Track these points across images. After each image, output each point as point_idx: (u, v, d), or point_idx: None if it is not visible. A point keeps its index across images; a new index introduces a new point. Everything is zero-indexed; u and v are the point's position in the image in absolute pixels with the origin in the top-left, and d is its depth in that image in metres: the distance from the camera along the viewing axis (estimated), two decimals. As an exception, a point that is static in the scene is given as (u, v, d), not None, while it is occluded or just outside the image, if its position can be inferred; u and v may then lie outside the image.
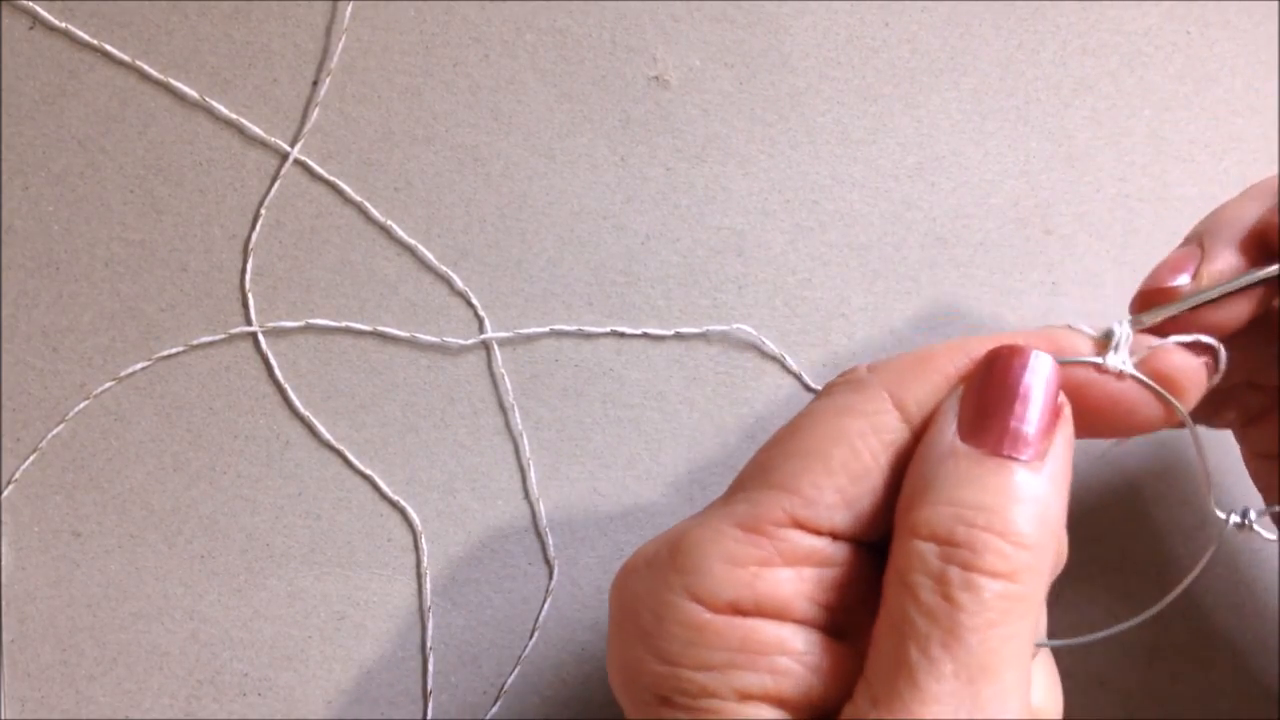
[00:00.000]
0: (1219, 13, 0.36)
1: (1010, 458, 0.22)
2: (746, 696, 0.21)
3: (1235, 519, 0.25)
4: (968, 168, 0.35)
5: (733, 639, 0.22)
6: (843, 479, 0.22)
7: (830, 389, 0.25)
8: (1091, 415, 0.24)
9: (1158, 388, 0.24)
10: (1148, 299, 0.26)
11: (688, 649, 0.22)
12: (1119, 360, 0.24)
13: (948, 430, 0.22)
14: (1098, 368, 0.24)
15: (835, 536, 0.23)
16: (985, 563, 0.21)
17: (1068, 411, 0.23)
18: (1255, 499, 0.29)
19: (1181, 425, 0.25)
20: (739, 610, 0.22)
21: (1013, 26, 0.35)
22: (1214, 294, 0.25)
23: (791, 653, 0.22)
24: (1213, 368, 0.25)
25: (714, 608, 0.22)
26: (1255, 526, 0.25)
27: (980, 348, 0.24)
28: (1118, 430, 0.25)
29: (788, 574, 0.22)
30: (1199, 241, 0.26)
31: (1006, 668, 0.20)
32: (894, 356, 0.24)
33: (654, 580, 0.23)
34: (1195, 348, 0.25)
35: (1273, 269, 0.25)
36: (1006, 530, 0.21)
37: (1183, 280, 0.26)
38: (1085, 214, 0.35)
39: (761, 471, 0.23)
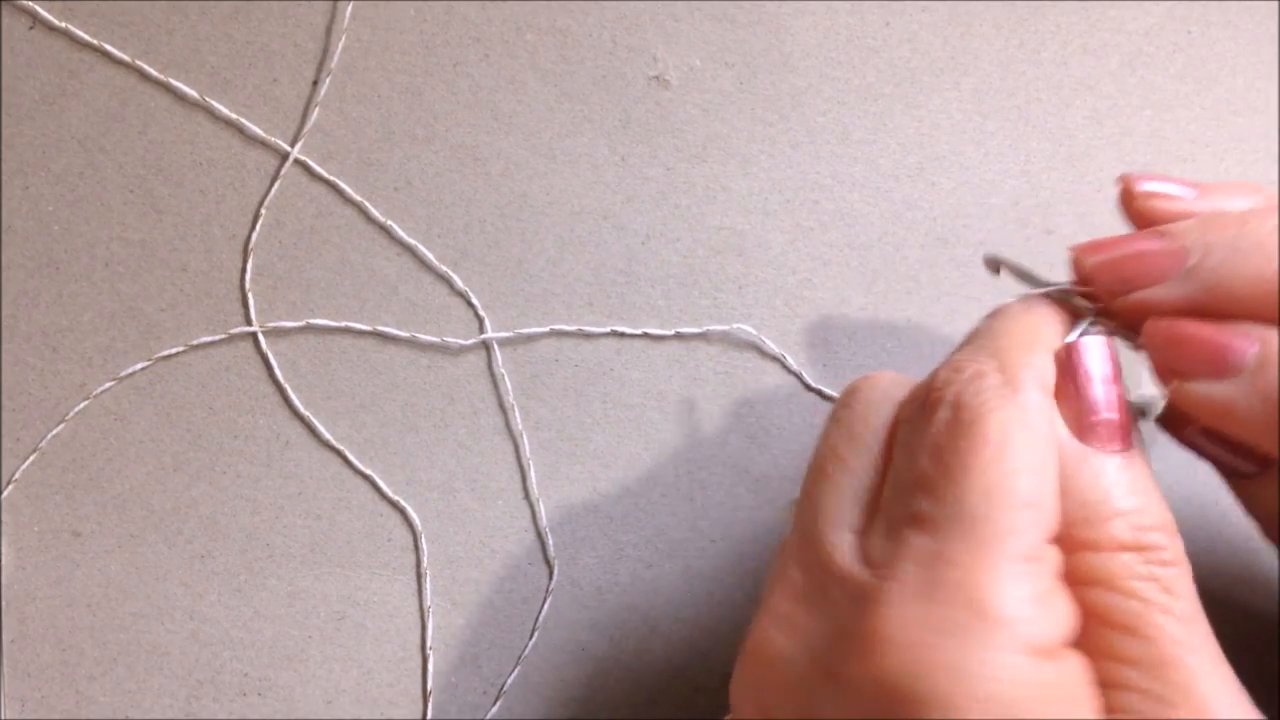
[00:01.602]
0: (1220, 13, 0.35)
1: (1122, 450, 0.23)
2: None
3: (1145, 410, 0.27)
4: (968, 167, 0.35)
5: (1066, 687, 0.21)
6: (1056, 481, 0.23)
7: (979, 394, 0.23)
8: None
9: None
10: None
11: (1041, 709, 0.20)
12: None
13: (1066, 436, 0.23)
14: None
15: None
16: (1171, 556, 0.22)
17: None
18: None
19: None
20: (1057, 651, 0.21)
21: (1013, 26, 0.35)
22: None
23: (1092, 682, 0.21)
24: None
25: (1045, 655, 0.21)
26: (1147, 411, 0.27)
27: (1050, 323, 0.25)
28: None
29: (1063, 594, 0.22)
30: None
31: (1218, 646, 0.22)
32: (994, 341, 0.24)
33: (972, 645, 0.20)
34: None
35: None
36: (1163, 523, 0.23)
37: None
38: (1086, 214, 0.35)
39: (1000, 493, 0.22)
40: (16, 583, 0.32)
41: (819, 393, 0.34)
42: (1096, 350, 0.24)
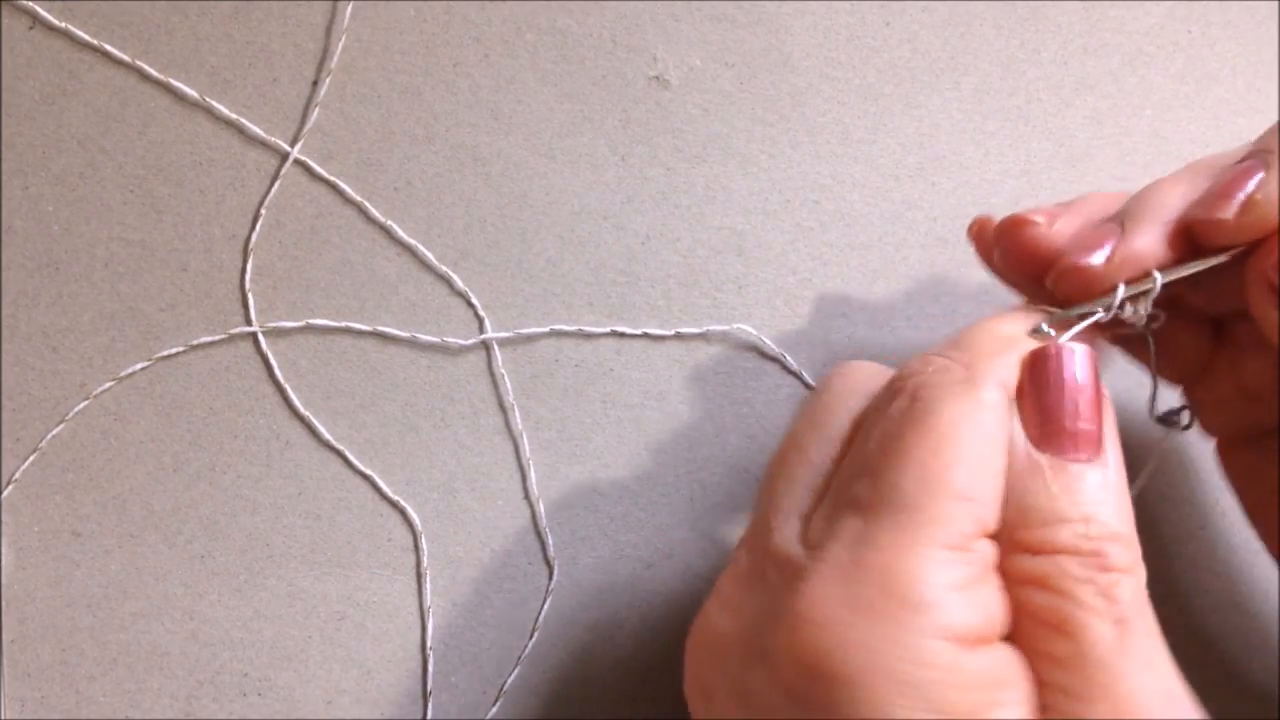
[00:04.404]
0: (1220, 13, 0.35)
1: (1087, 460, 0.23)
2: None
3: (1177, 420, 0.27)
4: (968, 167, 0.35)
5: (985, 675, 0.21)
6: (1001, 479, 0.23)
7: (936, 386, 0.23)
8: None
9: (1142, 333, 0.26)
10: (1065, 278, 0.26)
11: (951, 693, 0.21)
12: (1141, 313, 0.25)
13: (1020, 440, 0.23)
14: (1120, 321, 0.25)
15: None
16: (1116, 563, 0.22)
17: (1108, 394, 0.24)
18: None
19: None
20: (983, 639, 0.22)
21: (1014, 26, 0.35)
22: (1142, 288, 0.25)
23: (1015, 680, 0.22)
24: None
25: (962, 642, 0.21)
26: (1179, 420, 0.27)
27: (1029, 325, 0.25)
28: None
29: (991, 587, 0.22)
30: (1121, 220, 0.26)
31: (1161, 642, 0.22)
32: (964, 342, 0.24)
33: (890, 626, 0.21)
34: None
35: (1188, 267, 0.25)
36: (1115, 535, 0.22)
37: (1097, 259, 0.25)
38: (1086, 214, 0.35)
39: (934, 483, 0.22)
40: (16, 583, 0.32)
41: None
42: (1068, 358, 0.24)
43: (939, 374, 0.24)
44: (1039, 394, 0.23)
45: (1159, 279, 0.25)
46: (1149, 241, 0.25)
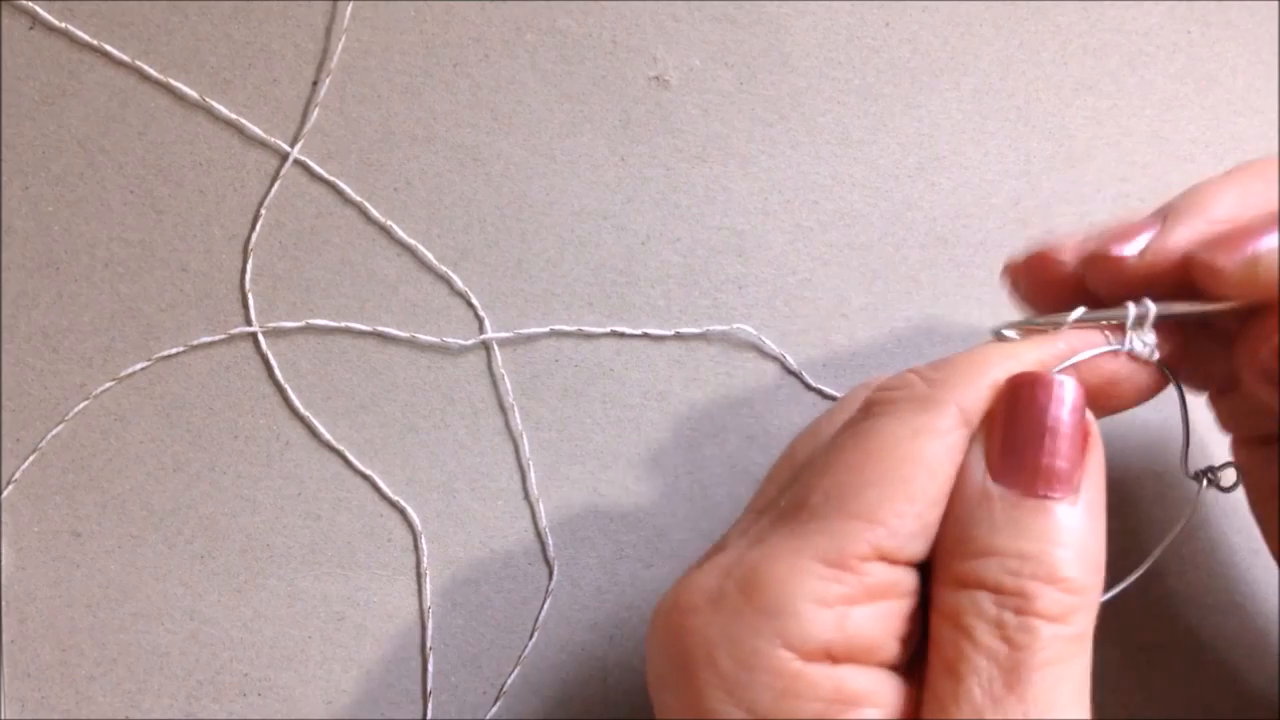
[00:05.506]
0: (1220, 13, 0.35)
1: (1046, 497, 0.21)
2: None
3: (1205, 478, 0.26)
4: (968, 167, 0.35)
5: (827, 689, 0.21)
6: (922, 505, 0.22)
7: (889, 403, 0.23)
8: (1094, 398, 0.24)
9: (1162, 365, 0.24)
10: (1094, 265, 0.25)
11: (780, 700, 0.21)
12: (1146, 344, 0.24)
13: (978, 469, 0.22)
14: (1130, 355, 0.24)
15: (910, 565, 0.22)
16: (1039, 607, 0.21)
17: (1096, 432, 0.23)
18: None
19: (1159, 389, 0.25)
20: (831, 656, 0.21)
21: (1013, 26, 0.35)
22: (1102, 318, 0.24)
23: (880, 704, 0.21)
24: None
25: (807, 655, 0.21)
26: (1219, 479, 0.26)
27: (1028, 356, 0.23)
28: (1111, 407, 0.25)
29: (872, 610, 0.21)
30: (1164, 215, 0.25)
31: (1070, 704, 0.21)
32: (945, 363, 0.23)
33: (734, 624, 0.21)
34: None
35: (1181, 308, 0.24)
36: (1054, 577, 0.21)
37: (1130, 250, 0.24)
38: (1086, 214, 0.35)
39: (837, 499, 0.22)
40: (16, 583, 0.32)
41: (819, 392, 0.34)
42: (1056, 390, 0.22)
43: (899, 389, 0.23)
44: (1012, 423, 0.22)
45: (1152, 309, 0.23)
46: (1188, 238, 0.24)
